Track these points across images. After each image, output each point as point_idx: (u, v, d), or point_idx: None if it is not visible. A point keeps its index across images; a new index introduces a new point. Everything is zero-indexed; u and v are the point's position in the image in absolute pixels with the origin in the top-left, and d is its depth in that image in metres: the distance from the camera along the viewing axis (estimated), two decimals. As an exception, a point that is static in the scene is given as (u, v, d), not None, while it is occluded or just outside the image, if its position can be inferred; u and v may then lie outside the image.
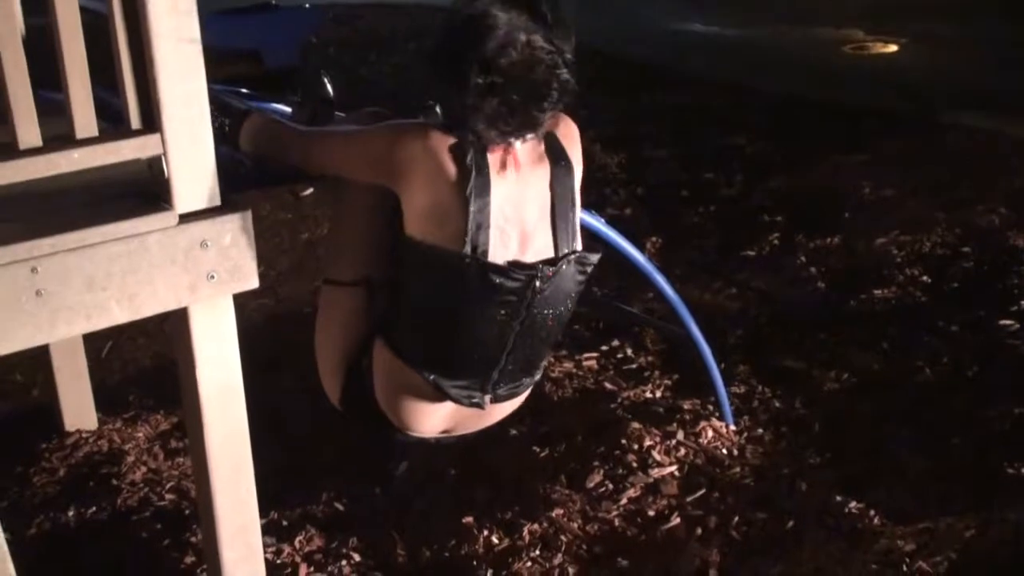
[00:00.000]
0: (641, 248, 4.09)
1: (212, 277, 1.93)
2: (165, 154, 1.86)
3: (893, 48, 7.26)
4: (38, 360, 2.97)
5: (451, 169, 1.85)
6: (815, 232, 4.11)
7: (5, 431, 3.12)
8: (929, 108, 5.51)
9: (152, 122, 1.86)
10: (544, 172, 1.94)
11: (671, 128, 5.47)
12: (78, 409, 3.03)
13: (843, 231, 4.10)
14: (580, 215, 2.07)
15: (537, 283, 1.91)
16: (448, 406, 2.04)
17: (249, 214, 1.94)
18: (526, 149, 1.93)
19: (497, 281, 1.89)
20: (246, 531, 2.18)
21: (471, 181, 1.84)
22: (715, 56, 7.01)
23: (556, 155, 1.96)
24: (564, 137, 1.99)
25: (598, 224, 2.56)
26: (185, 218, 1.89)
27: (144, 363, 3.48)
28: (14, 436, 3.04)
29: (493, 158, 1.88)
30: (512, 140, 1.89)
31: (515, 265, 1.91)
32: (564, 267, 1.96)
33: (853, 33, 7.48)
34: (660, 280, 2.75)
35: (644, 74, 6.49)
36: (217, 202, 1.93)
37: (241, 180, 2.13)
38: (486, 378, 2.00)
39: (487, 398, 2.03)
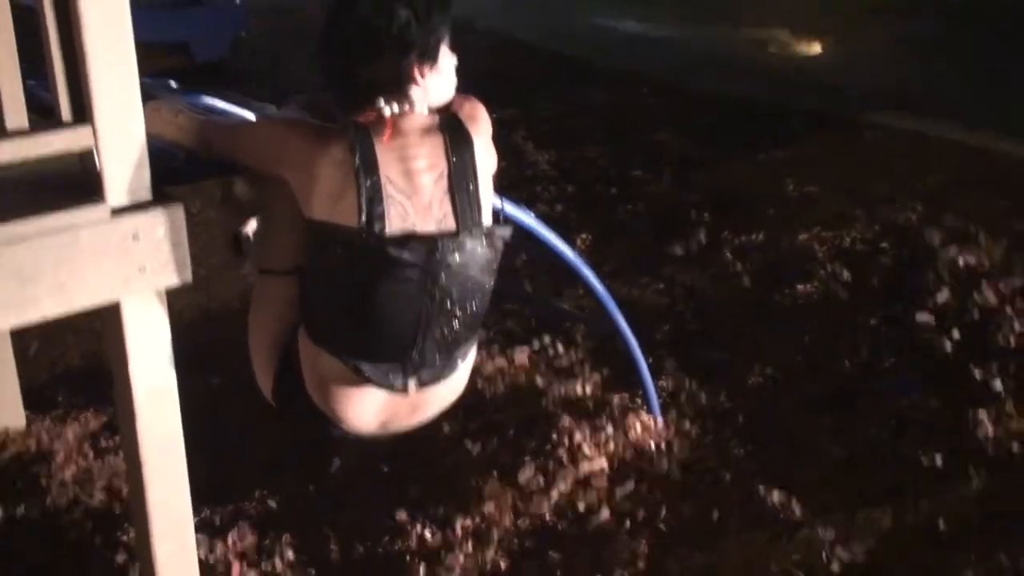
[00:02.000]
0: (571, 244, 4.12)
1: (144, 270, 1.92)
2: (97, 147, 1.85)
3: (817, 49, 7.42)
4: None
5: (334, 149, 1.89)
6: (740, 228, 4.20)
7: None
8: (850, 107, 5.66)
9: (83, 115, 1.85)
10: (437, 143, 1.95)
11: (601, 126, 5.54)
12: (6, 408, 2.98)
13: (767, 227, 4.20)
14: (491, 192, 2.08)
15: (437, 255, 1.94)
16: (379, 396, 2.05)
17: (181, 208, 1.94)
18: (412, 121, 1.96)
19: (395, 254, 1.89)
20: (179, 528, 2.17)
21: (356, 158, 1.88)
22: (645, 54, 7.11)
23: (453, 129, 1.99)
24: (467, 116, 2.03)
25: (528, 219, 2.59)
26: (117, 211, 1.88)
27: (73, 361, 3.43)
28: (-62, 435, 2.98)
29: (376, 132, 1.91)
30: (391, 107, 1.95)
31: (413, 237, 1.92)
32: (467, 240, 1.97)
33: (779, 33, 7.64)
34: (589, 276, 2.79)
35: (575, 71, 6.57)
36: (149, 196, 1.92)
37: (174, 172, 2.12)
38: (406, 359, 2.00)
39: (411, 382, 2.03)
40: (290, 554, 2.54)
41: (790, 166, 4.81)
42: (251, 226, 2.29)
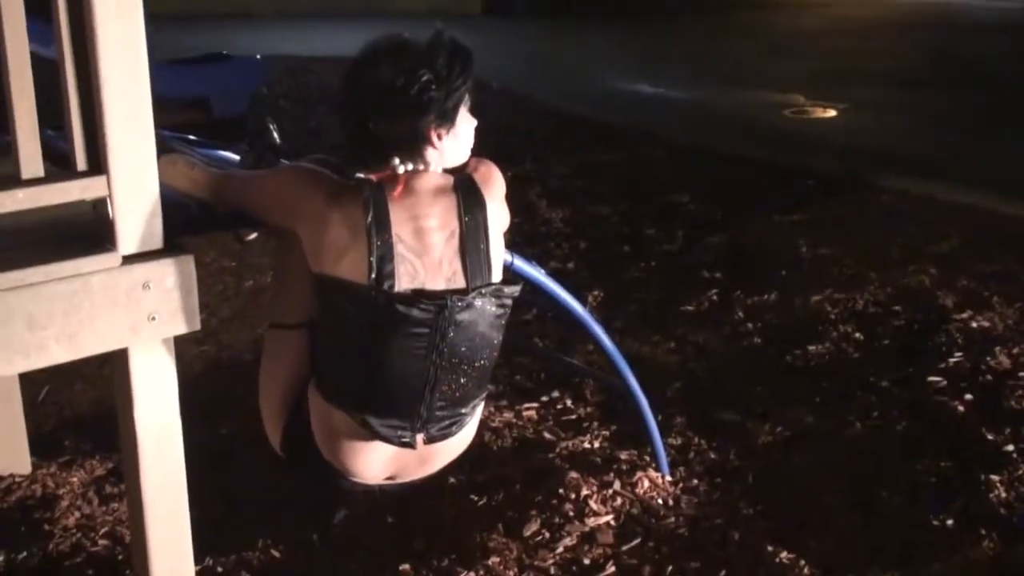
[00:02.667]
0: (583, 301, 4.16)
1: (153, 319, 1.95)
2: (110, 196, 1.89)
3: (832, 113, 7.48)
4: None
5: (348, 205, 1.91)
6: (753, 289, 4.20)
7: (-64, 475, 3.07)
8: (864, 171, 5.69)
9: (98, 164, 1.89)
10: (450, 203, 1.98)
11: (615, 185, 5.58)
12: (12, 453, 2.99)
13: (780, 288, 4.20)
14: (502, 251, 2.11)
15: (447, 312, 1.95)
16: (387, 450, 2.06)
17: (191, 258, 1.97)
18: (425, 180, 1.98)
19: (404, 311, 1.91)
20: (180, 574, 2.17)
21: (369, 216, 1.90)
22: (661, 116, 7.18)
23: (467, 191, 2.01)
24: (481, 178, 2.05)
25: (538, 275, 2.61)
26: (128, 259, 1.91)
27: (81, 408, 3.45)
28: (-56, 480, 2.99)
29: (390, 189, 1.94)
30: (406, 166, 1.97)
31: (423, 295, 1.94)
32: (476, 299, 1.98)
33: (794, 97, 7.70)
34: (598, 332, 2.80)
35: (591, 132, 6.63)
36: (160, 244, 1.95)
37: (187, 223, 2.15)
38: (414, 415, 2.01)
39: (419, 437, 2.04)
40: (292, 606, 2.53)
41: (804, 228, 4.82)
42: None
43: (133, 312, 1.92)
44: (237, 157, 3.01)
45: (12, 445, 2.99)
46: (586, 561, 2.70)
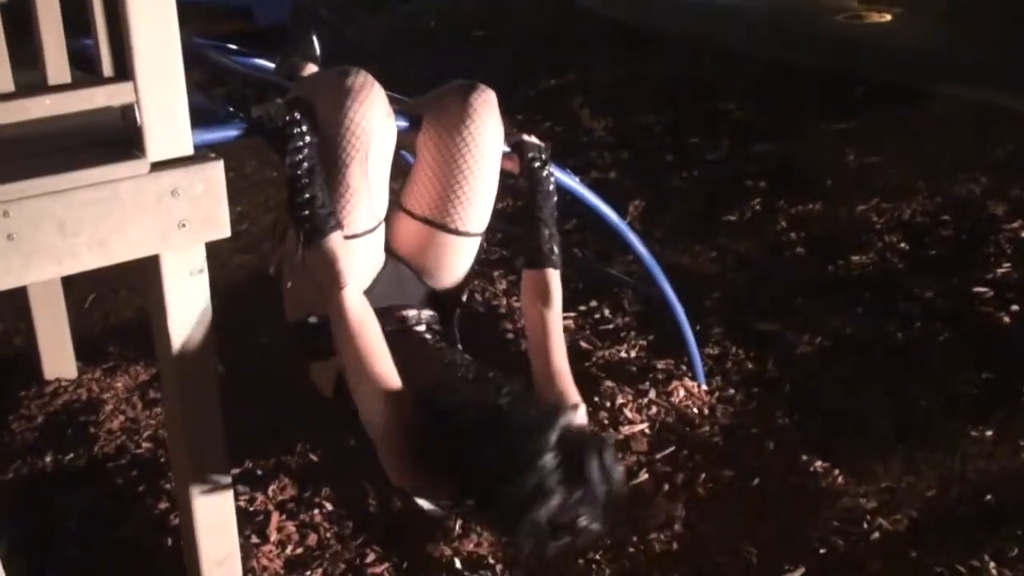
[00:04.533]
0: (623, 211, 4.13)
1: (183, 225, 1.96)
2: (138, 102, 1.88)
3: (887, 17, 7.25)
4: (20, 310, 3.00)
5: None
6: (797, 198, 4.13)
7: (-14, 379, 3.16)
8: (918, 78, 5.52)
9: (125, 70, 1.88)
10: None
11: (660, 94, 5.47)
12: (58, 358, 3.06)
13: (825, 198, 4.12)
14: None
15: None
16: None
17: (221, 164, 1.97)
18: None
19: None
20: (216, 478, 2.22)
21: None
22: (708, 23, 7.00)
23: None
24: None
25: (575, 185, 2.59)
26: (157, 166, 1.91)
27: (126, 315, 3.50)
28: (-6, 384, 3.08)
29: None
30: None
31: None
32: None
33: (848, 2, 7.46)
34: (635, 241, 2.78)
35: (636, 39, 6.48)
36: (189, 151, 1.95)
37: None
38: None
39: None
40: (328, 506, 2.58)
41: (852, 137, 4.71)
42: None
43: (163, 219, 1.93)
44: (272, 65, 3.00)
45: (58, 350, 3.05)
46: (620, 468, 2.71)
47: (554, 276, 2.21)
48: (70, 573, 2.40)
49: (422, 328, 2.19)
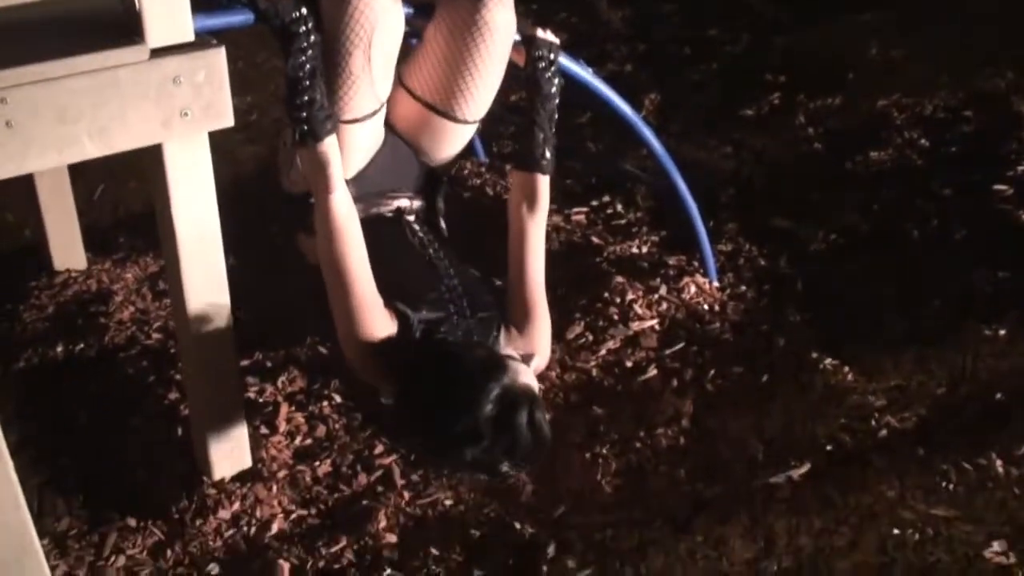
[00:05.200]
0: (639, 105, 4.05)
1: (186, 114, 1.92)
2: (136, -14, 1.83)
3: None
4: (30, 201, 2.98)
5: None
6: (817, 92, 4.03)
7: (-3, 269, 3.16)
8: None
9: (122, -47, 1.83)
10: None
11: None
12: (67, 249, 3.05)
13: (845, 92, 4.03)
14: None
15: None
16: None
17: (222, 50, 1.92)
18: None
19: None
20: (225, 367, 2.23)
21: None
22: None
23: None
24: None
25: (588, 76, 2.52)
26: (157, 52, 1.87)
27: (135, 206, 3.48)
28: (5, 274, 3.07)
29: None
30: None
31: None
32: None
33: None
34: (649, 135, 2.72)
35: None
36: (191, 37, 1.91)
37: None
38: None
39: None
40: (336, 398, 2.59)
41: (876, 29, 4.57)
42: None
43: (164, 107, 1.89)
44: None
45: (67, 241, 3.04)
46: (628, 364, 2.72)
47: (543, 182, 2.19)
48: (81, 462, 2.42)
49: (412, 218, 2.22)
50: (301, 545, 2.22)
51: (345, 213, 1.97)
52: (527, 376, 1.92)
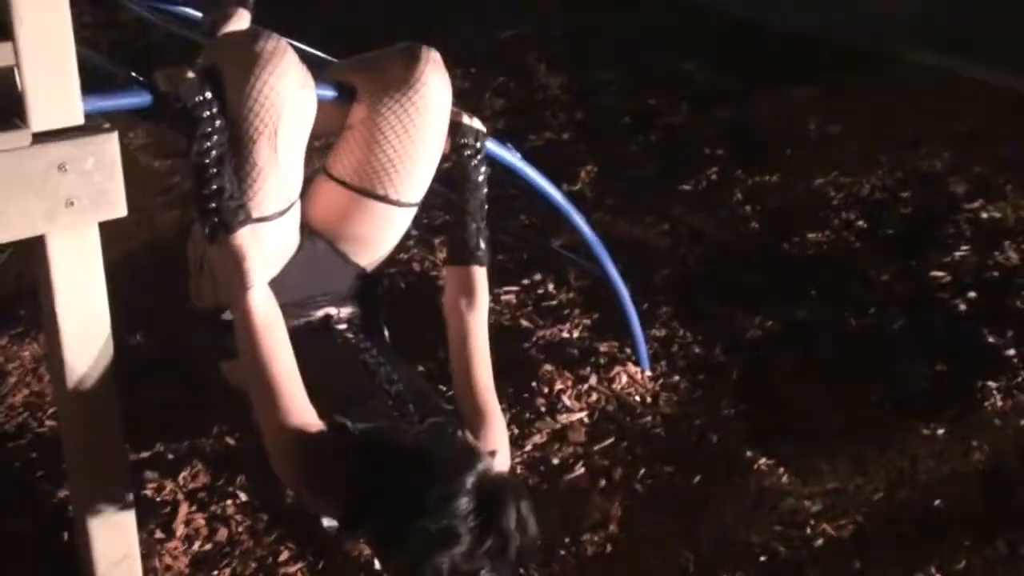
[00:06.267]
0: (575, 177, 3.96)
1: (72, 203, 1.77)
2: (18, 64, 1.68)
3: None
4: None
5: None
6: (755, 168, 3.98)
7: None
8: (891, 42, 5.35)
9: (4, 29, 1.68)
10: None
11: (621, 50, 5.27)
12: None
13: (783, 169, 3.98)
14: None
15: None
16: None
17: (115, 135, 1.78)
18: None
19: None
20: (112, 471, 2.06)
21: None
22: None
23: None
24: None
25: (512, 159, 2.41)
26: (40, 137, 1.71)
27: (40, 277, 3.29)
28: None
29: None
30: None
31: None
32: None
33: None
34: (577, 219, 2.62)
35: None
36: (79, 120, 1.75)
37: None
38: None
39: None
40: (242, 496, 2.42)
41: (815, 103, 4.55)
42: None
43: (48, 196, 1.74)
44: (199, 15, 2.78)
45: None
46: (555, 460, 2.59)
47: (479, 274, 2.05)
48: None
49: (343, 327, 2.04)
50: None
51: (266, 312, 1.78)
52: (502, 466, 1.76)
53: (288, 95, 1.85)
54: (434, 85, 2.02)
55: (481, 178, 2.10)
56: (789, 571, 2.29)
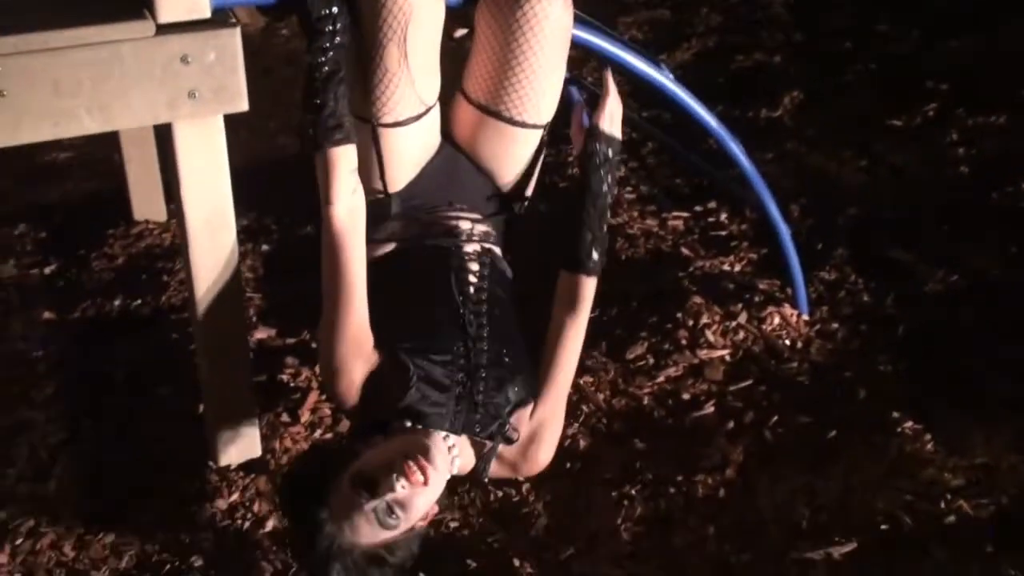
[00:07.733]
0: (776, 104, 3.75)
1: (193, 96, 1.83)
2: (150, -44, 1.74)
3: None
4: (115, 149, 2.99)
5: None
6: (979, 107, 3.61)
7: (81, 212, 3.19)
8: None
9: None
10: None
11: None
12: (147, 200, 3.06)
13: (1013, 110, 3.59)
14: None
15: None
16: None
17: (237, 30, 1.82)
18: None
19: None
20: (235, 356, 2.16)
21: None
22: None
23: None
24: None
25: (666, 81, 2.30)
26: (164, 28, 1.78)
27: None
28: (85, 219, 3.10)
29: None
30: None
31: None
32: None
33: None
34: (732, 145, 2.48)
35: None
36: (205, 14, 1.81)
37: None
38: None
39: None
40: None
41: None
42: None
43: (170, 87, 1.81)
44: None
45: (147, 192, 3.04)
46: (685, 396, 2.51)
47: (588, 284, 2.03)
48: (103, 425, 2.41)
49: (471, 251, 2.05)
50: (291, 550, 2.13)
51: (342, 230, 1.87)
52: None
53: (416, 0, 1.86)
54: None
55: (604, 188, 2.04)
56: (911, 546, 2.13)
